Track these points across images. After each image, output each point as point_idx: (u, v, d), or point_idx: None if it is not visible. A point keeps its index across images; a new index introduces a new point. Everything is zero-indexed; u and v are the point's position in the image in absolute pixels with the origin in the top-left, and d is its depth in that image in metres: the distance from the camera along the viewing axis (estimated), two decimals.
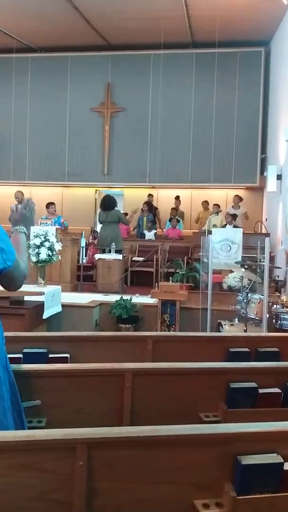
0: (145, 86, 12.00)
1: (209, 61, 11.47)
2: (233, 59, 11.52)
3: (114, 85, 12.25)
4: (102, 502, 1.53)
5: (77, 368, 2.39)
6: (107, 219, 8.26)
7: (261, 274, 5.12)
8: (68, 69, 12.37)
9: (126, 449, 1.55)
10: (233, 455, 1.63)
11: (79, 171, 12.36)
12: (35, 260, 5.74)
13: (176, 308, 6.12)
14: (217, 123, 11.68)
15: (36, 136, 12.48)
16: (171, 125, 11.90)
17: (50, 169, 12.42)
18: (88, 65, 12.23)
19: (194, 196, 12.32)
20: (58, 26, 10.78)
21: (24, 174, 12.54)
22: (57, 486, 1.51)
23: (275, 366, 2.69)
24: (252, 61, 11.54)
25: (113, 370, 2.36)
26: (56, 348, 2.85)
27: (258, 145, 11.58)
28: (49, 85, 12.43)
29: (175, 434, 1.62)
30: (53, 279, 7.23)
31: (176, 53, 11.77)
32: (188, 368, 2.47)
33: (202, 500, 1.61)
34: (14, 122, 12.52)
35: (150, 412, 2.35)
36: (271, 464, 1.63)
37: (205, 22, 10.19)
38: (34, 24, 10.71)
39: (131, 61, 12.07)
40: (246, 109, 11.62)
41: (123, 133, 12.22)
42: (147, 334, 3.30)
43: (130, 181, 12.25)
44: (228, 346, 3.08)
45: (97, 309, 6.50)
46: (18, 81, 12.41)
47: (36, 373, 2.30)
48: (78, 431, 1.53)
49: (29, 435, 1.50)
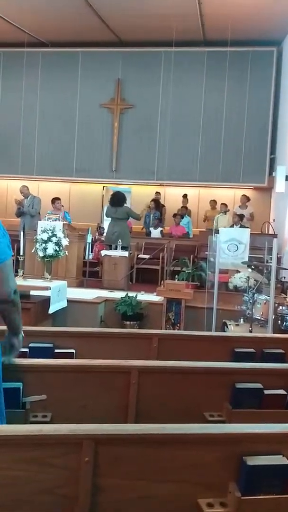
0: (155, 83, 11.97)
1: (220, 60, 11.42)
2: (244, 58, 11.47)
3: (124, 82, 12.23)
4: (107, 498, 1.54)
5: (83, 364, 2.39)
6: (115, 214, 8.26)
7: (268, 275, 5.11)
8: (79, 64, 12.36)
9: (132, 447, 1.56)
10: (238, 456, 1.63)
11: (87, 167, 12.36)
12: (42, 254, 5.76)
13: (181, 306, 6.11)
14: (226, 122, 11.64)
15: (45, 131, 12.49)
16: (180, 123, 11.87)
17: (58, 164, 12.43)
18: (99, 61, 12.21)
19: (202, 195, 12.30)
20: (70, 21, 10.76)
21: (32, 169, 12.55)
22: (63, 481, 1.52)
23: (281, 367, 2.69)
24: (263, 60, 11.48)
25: (119, 367, 2.37)
26: (62, 343, 2.86)
27: (267, 145, 11.52)
28: (59, 80, 12.43)
29: (181, 432, 1.62)
30: (59, 274, 7.24)
31: (187, 51, 11.72)
32: (194, 367, 2.47)
33: (207, 499, 1.62)
34: (24, 116, 12.53)
35: (155, 409, 2.35)
36: (277, 466, 1.63)
37: (218, 20, 10.14)
38: (46, 19, 10.70)
39: (142, 58, 12.04)
40: (256, 109, 11.57)
41: (132, 130, 12.20)
42: (153, 332, 3.30)
43: (138, 178, 12.24)
44: (234, 346, 3.08)
45: (102, 305, 6.51)
46: (29, 76, 12.42)
47: (42, 367, 2.31)
48: (85, 427, 1.53)
49: (37, 430, 1.51)
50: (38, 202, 8.92)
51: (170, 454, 1.60)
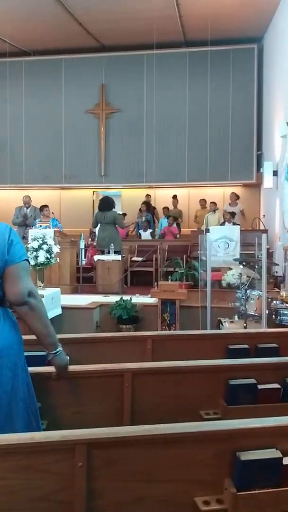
0: (139, 86, 12.02)
1: (202, 60, 11.48)
2: (226, 56, 11.54)
3: (109, 86, 12.26)
4: (103, 501, 1.54)
5: (77, 370, 2.39)
6: (104, 220, 8.28)
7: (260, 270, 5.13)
8: (62, 71, 12.38)
9: (125, 449, 1.56)
10: (232, 452, 1.64)
11: (76, 173, 12.37)
12: (33, 263, 5.75)
13: (176, 307, 6.12)
14: (212, 121, 11.69)
15: (32, 140, 12.49)
16: (167, 125, 11.92)
17: (47, 172, 12.43)
18: (82, 67, 12.24)
19: (192, 195, 12.33)
20: (51, 29, 10.79)
21: (21, 178, 12.54)
22: (58, 487, 1.52)
23: (274, 361, 2.70)
24: (245, 58, 11.55)
25: (112, 371, 2.37)
26: None
27: (253, 142, 11.59)
28: (44, 88, 12.44)
29: (174, 432, 1.63)
30: (52, 282, 7.24)
31: (169, 53, 11.78)
32: (187, 367, 2.48)
33: (203, 497, 1.62)
34: (10, 126, 12.52)
35: (150, 411, 2.36)
36: (270, 459, 1.64)
37: (197, 21, 10.20)
38: (27, 28, 10.71)
39: (125, 62, 12.08)
40: (240, 106, 11.63)
41: (119, 133, 12.23)
42: (147, 334, 3.31)
43: (127, 181, 12.27)
44: (228, 343, 3.09)
45: (98, 310, 6.51)
46: (13, 85, 12.41)
47: (36, 376, 2.31)
48: (77, 432, 1.54)
49: (28, 438, 1.51)
50: (39, 213, 9.01)
51: (164, 454, 1.60)
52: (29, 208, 9.04)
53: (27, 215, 8.93)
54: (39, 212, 9.01)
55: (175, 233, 10.89)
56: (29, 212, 8.99)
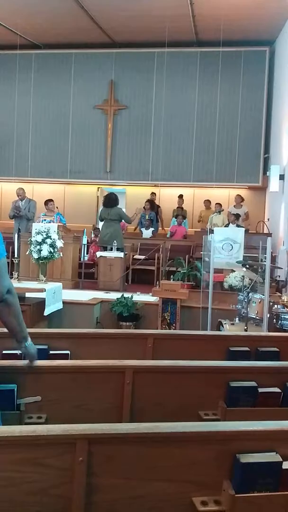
0: (148, 84, 11.99)
1: (213, 60, 11.45)
2: (237, 58, 11.51)
3: (118, 83, 12.24)
4: (101, 497, 1.54)
5: (78, 365, 2.40)
6: (108, 216, 8.27)
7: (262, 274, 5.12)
8: (72, 66, 12.36)
9: (126, 446, 1.56)
10: (232, 453, 1.64)
11: (82, 169, 12.36)
12: (36, 256, 5.75)
13: (177, 306, 6.12)
14: (220, 122, 11.67)
15: (39, 133, 12.48)
16: (174, 124, 11.90)
17: (53, 166, 12.42)
18: (92, 62, 12.22)
19: (197, 195, 12.31)
20: (62, 23, 10.76)
21: (26, 171, 12.53)
22: (58, 482, 1.52)
23: (275, 365, 2.70)
24: (256, 60, 11.52)
25: (114, 367, 2.37)
26: (56, 344, 2.86)
27: (261, 145, 11.56)
28: (53, 82, 12.42)
29: (175, 431, 1.62)
30: (54, 276, 7.24)
31: (180, 52, 11.75)
32: (188, 367, 2.48)
33: (201, 497, 1.62)
34: (17, 118, 12.51)
35: (149, 409, 2.36)
36: (270, 463, 1.64)
37: (210, 21, 10.17)
38: (38, 21, 10.69)
39: (135, 59, 12.05)
40: (249, 109, 11.60)
41: (126, 131, 12.21)
42: (148, 332, 3.31)
43: (133, 179, 12.25)
44: (229, 345, 3.09)
45: (98, 306, 6.51)
46: (22, 78, 12.40)
47: (37, 369, 2.31)
48: (78, 427, 1.53)
49: (30, 431, 1.51)
50: (34, 206, 8.94)
51: (164, 453, 1.60)
52: (23, 201, 8.99)
53: (19, 207, 8.88)
54: (34, 204, 8.95)
55: (183, 233, 10.88)
56: (23, 205, 8.93)
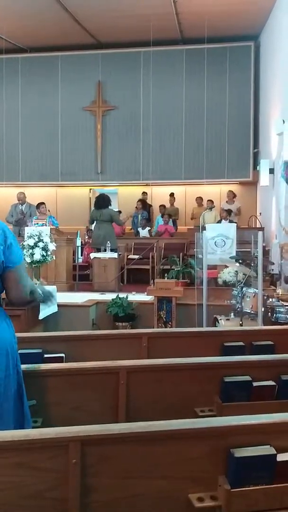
0: (136, 83, 11.99)
1: (199, 57, 11.46)
2: (222, 54, 11.53)
3: (105, 84, 12.23)
4: (97, 498, 1.54)
5: (72, 367, 2.40)
6: (100, 217, 8.26)
7: (256, 268, 5.14)
8: (59, 68, 12.33)
9: (120, 445, 1.57)
10: (227, 449, 1.65)
11: (73, 171, 12.34)
12: (29, 260, 5.74)
13: (172, 304, 6.12)
14: (208, 118, 11.68)
15: (29, 137, 12.45)
16: (163, 122, 11.90)
17: (44, 169, 12.40)
18: (79, 64, 12.20)
19: (188, 193, 12.33)
20: (47, 26, 10.74)
21: (17, 175, 12.51)
22: (52, 484, 1.52)
23: (269, 359, 2.71)
24: (242, 55, 11.54)
25: (108, 368, 2.38)
26: (51, 348, 2.86)
27: (250, 140, 11.58)
28: (40, 85, 12.39)
29: (168, 429, 1.63)
30: (49, 279, 7.22)
31: (165, 50, 11.75)
32: (182, 364, 2.49)
33: (197, 493, 1.63)
34: (6, 123, 12.48)
35: (145, 408, 2.37)
36: (264, 456, 1.65)
37: (194, 18, 10.18)
38: (23, 25, 10.67)
39: (121, 59, 12.04)
40: (237, 104, 11.63)
41: (115, 131, 12.21)
42: (142, 331, 3.31)
43: (124, 179, 12.25)
44: (224, 341, 3.10)
45: (94, 308, 6.51)
46: (9, 82, 12.37)
47: (32, 373, 2.31)
48: (71, 429, 1.54)
49: (23, 435, 1.52)
50: (35, 210, 8.95)
51: (158, 451, 1.61)
52: (24, 205, 8.99)
53: (23, 211, 8.89)
54: (34, 208, 8.97)
55: (171, 232, 10.90)
56: (24, 209, 8.94)
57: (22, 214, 8.82)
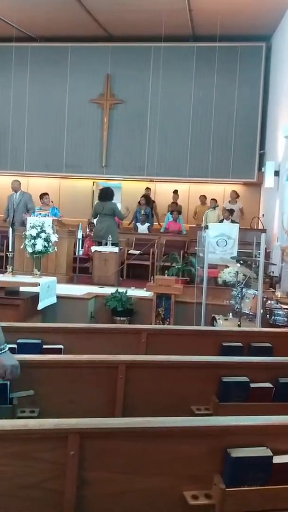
0: (144, 78, 11.95)
1: (209, 55, 11.41)
2: (233, 53, 11.48)
3: (114, 77, 12.18)
4: (93, 491, 1.55)
5: (71, 359, 2.40)
6: (103, 211, 8.26)
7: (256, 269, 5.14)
8: (68, 59, 12.29)
9: (117, 440, 1.57)
10: (223, 448, 1.65)
11: (77, 163, 12.32)
12: (31, 250, 5.74)
13: (171, 302, 6.13)
14: (216, 117, 11.66)
15: (35, 127, 12.42)
16: (170, 119, 11.87)
17: (48, 160, 12.38)
18: (88, 56, 12.15)
19: (192, 191, 12.31)
20: (59, 16, 10.69)
21: (21, 165, 12.48)
22: (50, 475, 1.53)
23: (267, 361, 2.72)
24: (252, 56, 11.50)
25: (107, 362, 2.38)
26: (50, 339, 2.86)
27: (256, 141, 11.56)
28: (49, 75, 12.35)
29: (166, 426, 1.64)
30: (49, 271, 7.23)
31: (176, 46, 11.71)
32: (181, 361, 2.49)
33: (192, 491, 1.63)
34: (13, 112, 12.44)
35: (142, 404, 2.37)
36: (260, 458, 1.65)
37: (207, 15, 10.13)
38: (35, 14, 10.61)
39: (131, 53, 12.00)
40: (245, 104, 11.59)
41: (121, 125, 12.17)
42: (142, 327, 3.32)
43: (128, 173, 12.23)
44: (222, 341, 3.10)
45: (92, 301, 6.51)
46: (17, 71, 12.32)
47: (30, 363, 2.31)
48: (70, 421, 1.54)
49: (22, 425, 1.52)
50: (30, 199, 8.81)
51: (155, 447, 1.61)
52: (17, 193, 8.81)
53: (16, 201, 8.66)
54: (29, 197, 8.80)
55: (180, 229, 10.89)
56: (18, 197, 8.74)
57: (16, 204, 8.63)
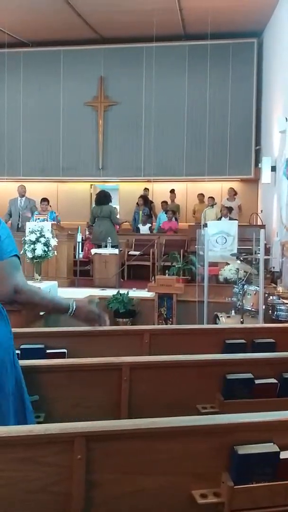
0: (138, 79, 11.96)
1: (202, 53, 11.43)
2: (225, 50, 11.49)
3: (107, 79, 12.20)
4: (101, 494, 1.55)
5: (75, 363, 2.40)
6: (100, 214, 8.28)
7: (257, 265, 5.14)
8: (61, 63, 12.30)
9: (124, 442, 1.57)
10: (230, 445, 1.65)
11: (74, 166, 12.33)
12: (30, 256, 5.75)
13: (173, 301, 6.14)
14: (211, 115, 11.67)
15: (30, 131, 12.44)
16: (165, 118, 11.88)
17: (45, 164, 12.39)
18: (81, 59, 12.17)
19: (190, 189, 12.33)
20: (50, 20, 10.71)
21: (18, 170, 12.50)
22: (57, 479, 1.53)
23: (271, 357, 2.72)
24: (245, 52, 11.52)
25: (111, 364, 2.38)
26: (53, 343, 2.86)
27: (252, 137, 11.57)
28: (42, 79, 12.37)
29: (172, 426, 1.63)
30: (49, 275, 7.24)
31: (168, 46, 11.72)
32: (185, 361, 2.49)
33: (200, 490, 1.63)
34: (8, 117, 12.46)
35: (147, 405, 2.37)
36: (267, 453, 1.65)
37: (197, 14, 10.15)
38: (26, 19, 10.63)
39: (124, 54, 12.01)
40: (239, 101, 11.61)
41: (117, 127, 12.19)
42: (144, 328, 3.32)
43: (125, 175, 12.25)
44: (225, 338, 3.10)
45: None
46: (11, 76, 12.34)
47: (34, 368, 2.31)
48: (76, 425, 1.54)
49: (28, 430, 1.52)
50: (34, 204, 8.92)
51: (161, 447, 1.61)
52: (23, 198, 8.93)
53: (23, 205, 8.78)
54: (34, 203, 8.92)
55: (174, 228, 10.89)
56: (24, 203, 8.87)
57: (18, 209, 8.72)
